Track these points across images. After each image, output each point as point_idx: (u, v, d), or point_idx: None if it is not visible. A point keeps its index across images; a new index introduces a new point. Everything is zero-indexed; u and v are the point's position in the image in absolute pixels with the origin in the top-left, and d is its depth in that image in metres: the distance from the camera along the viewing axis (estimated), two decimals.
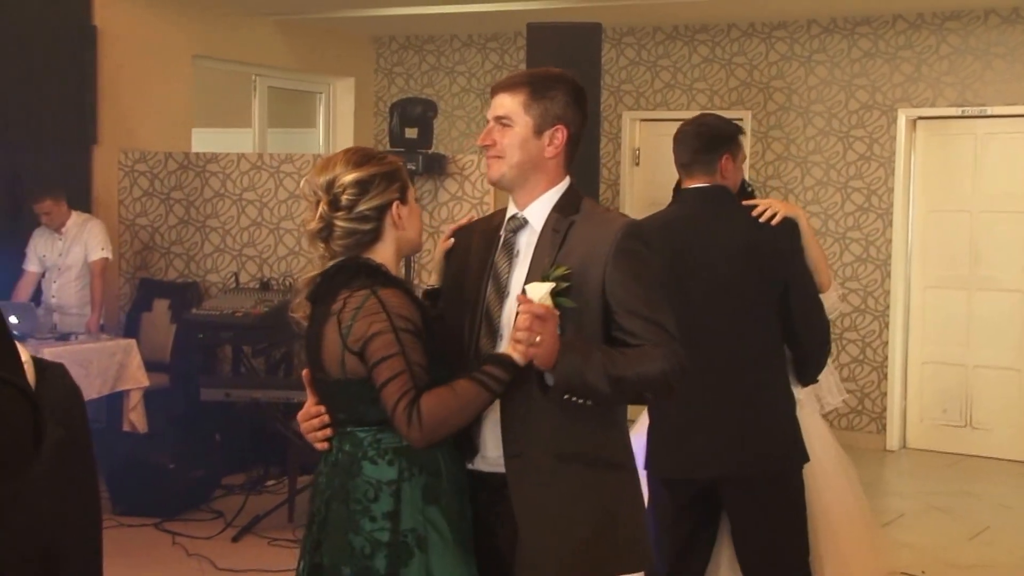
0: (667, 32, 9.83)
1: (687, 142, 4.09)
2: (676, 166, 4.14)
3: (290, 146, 10.43)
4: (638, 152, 9.96)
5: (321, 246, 2.88)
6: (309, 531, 2.93)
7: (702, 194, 4.05)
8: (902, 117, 9.05)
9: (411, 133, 7.59)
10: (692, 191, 4.07)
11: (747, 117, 9.42)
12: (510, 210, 3.04)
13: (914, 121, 9.09)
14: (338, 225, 2.84)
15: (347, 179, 2.83)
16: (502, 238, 3.02)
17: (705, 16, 9.45)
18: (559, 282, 2.80)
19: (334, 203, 2.84)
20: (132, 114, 8.53)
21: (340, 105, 10.69)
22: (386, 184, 2.87)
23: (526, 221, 2.98)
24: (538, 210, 2.97)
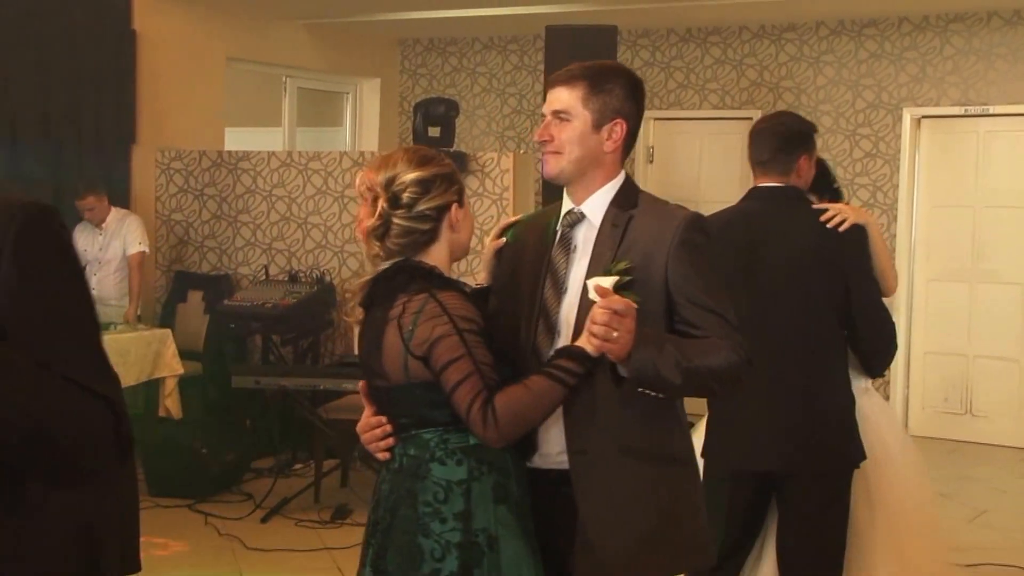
0: (680, 34, 9.84)
1: (766, 140, 3.96)
2: (751, 163, 3.99)
3: (318, 144, 10.47)
4: (652, 150, 9.98)
5: (376, 245, 2.73)
6: (371, 540, 2.77)
7: (775, 193, 3.94)
8: (907, 116, 9.05)
9: (434, 132, 7.60)
10: (766, 189, 3.96)
11: (757, 117, 9.40)
12: (566, 205, 2.90)
13: (919, 120, 9.09)
14: (396, 223, 2.71)
15: (409, 177, 2.71)
16: (559, 233, 2.87)
17: (717, 19, 9.46)
18: (622, 276, 2.67)
19: (394, 200, 2.71)
20: (169, 114, 8.60)
21: (366, 105, 10.71)
22: (446, 186, 2.76)
23: (583, 216, 2.85)
24: (596, 204, 2.84)
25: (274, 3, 9.08)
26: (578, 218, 2.85)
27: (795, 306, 3.84)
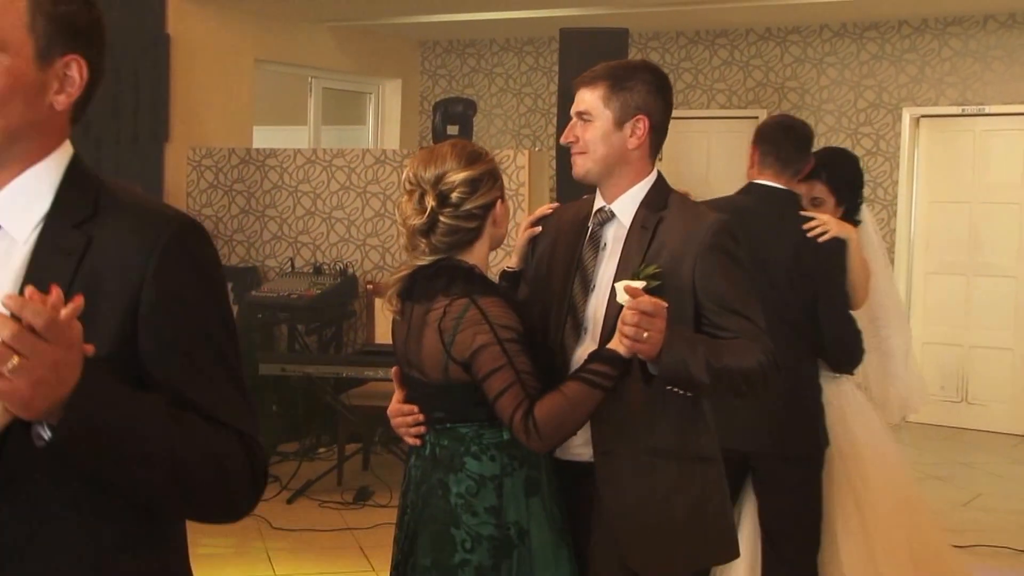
0: (689, 37, 9.84)
1: (791, 139, 3.93)
2: (770, 157, 3.92)
3: (342, 142, 10.48)
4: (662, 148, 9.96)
5: (422, 242, 2.64)
6: (402, 522, 2.74)
7: (775, 195, 3.92)
8: (906, 115, 9.04)
9: (452, 130, 7.61)
10: (766, 189, 3.93)
11: (763, 116, 9.38)
12: (597, 202, 2.83)
13: (917, 119, 9.07)
14: (443, 222, 2.62)
15: (458, 177, 2.61)
16: (589, 230, 2.81)
17: (724, 21, 9.46)
18: (650, 280, 2.60)
19: (442, 199, 2.61)
20: (200, 114, 8.63)
21: (388, 104, 10.71)
22: (492, 182, 2.67)
23: (613, 215, 2.78)
24: (626, 204, 2.78)
25: (300, 7, 9.10)
26: (608, 217, 2.80)
27: (769, 303, 3.84)
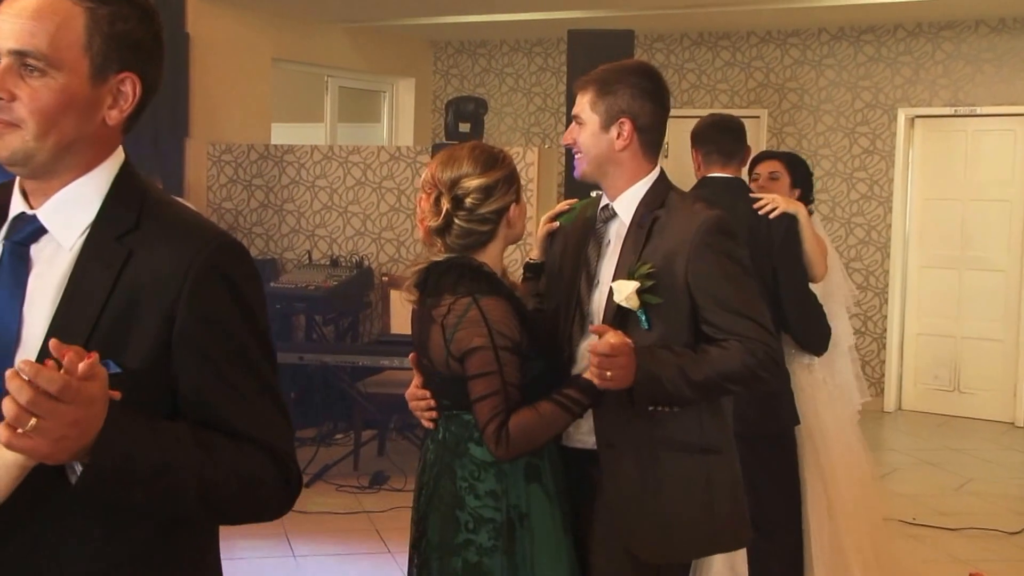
0: (693, 38, 9.82)
1: (730, 134, 4.04)
2: (713, 155, 4.03)
3: (357, 139, 10.47)
4: (667, 146, 9.93)
5: (438, 241, 2.67)
6: (418, 502, 2.76)
7: (729, 184, 4.01)
8: (901, 116, 9.02)
9: (464, 128, 7.60)
10: (721, 180, 4.02)
11: (763, 115, 9.41)
12: (604, 199, 2.83)
13: (912, 119, 9.06)
14: (457, 224, 2.64)
15: (473, 184, 2.62)
16: (596, 227, 2.82)
17: (727, 24, 9.43)
18: (644, 280, 2.60)
19: (456, 203, 2.63)
20: (219, 111, 8.63)
21: (402, 102, 10.69)
22: (507, 187, 2.67)
23: (615, 213, 2.78)
24: (626, 202, 2.76)
25: (317, 7, 9.08)
26: (611, 215, 2.79)
27: None
